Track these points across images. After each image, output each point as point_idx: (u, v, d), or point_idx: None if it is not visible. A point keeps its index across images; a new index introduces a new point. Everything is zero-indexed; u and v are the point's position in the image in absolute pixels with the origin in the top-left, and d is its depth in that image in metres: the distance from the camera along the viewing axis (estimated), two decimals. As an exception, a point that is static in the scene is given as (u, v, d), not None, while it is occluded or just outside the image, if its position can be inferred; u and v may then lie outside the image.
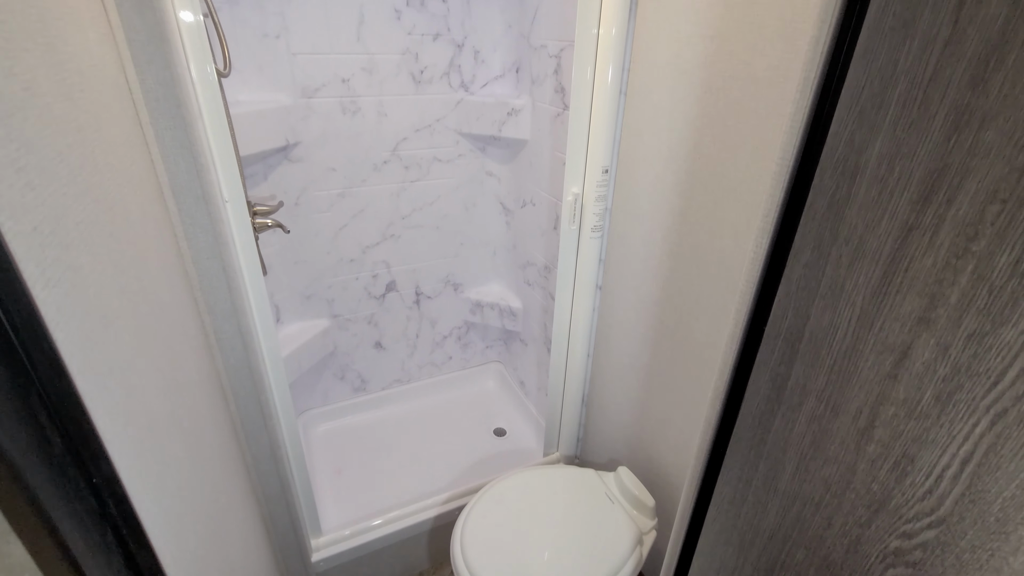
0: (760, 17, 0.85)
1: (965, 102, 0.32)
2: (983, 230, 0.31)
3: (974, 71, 0.31)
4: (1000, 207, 0.30)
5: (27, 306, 0.29)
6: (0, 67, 0.37)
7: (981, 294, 0.31)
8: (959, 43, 0.32)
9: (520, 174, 1.72)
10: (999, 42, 0.30)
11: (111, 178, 0.58)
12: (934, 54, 0.34)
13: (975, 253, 0.31)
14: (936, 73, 0.34)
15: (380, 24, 1.44)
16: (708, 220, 1.02)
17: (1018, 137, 0.29)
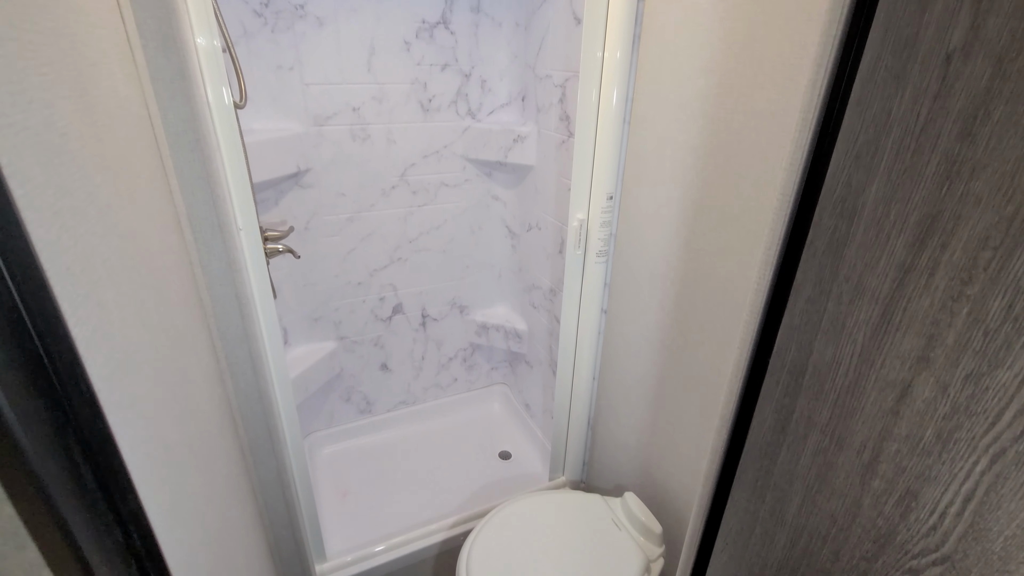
0: (759, 53, 0.87)
1: (955, 153, 0.33)
2: (976, 275, 0.32)
3: (963, 124, 0.33)
4: (991, 254, 0.31)
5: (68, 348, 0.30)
6: (41, 116, 0.40)
7: (977, 336, 0.32)
8: (948, 97, 0.34)
9: (526, 199, 1.75)
10: (985, 98, 0.31)
11: (133, 212, 0.60)
12: (925, 106, 0.35)
13: (970, 297, 0.32)
14: (927, 124, 0.35)
15: (390, 55, 1.49)
16: (712, 247, 1.03)
17: (1005, 188, 0.30)
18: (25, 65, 0.38)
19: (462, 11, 1.53)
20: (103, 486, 0.30)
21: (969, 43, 0.32)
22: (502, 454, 1.90)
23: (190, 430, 0.65)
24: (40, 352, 0.27)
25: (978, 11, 0.32)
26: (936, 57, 0.35)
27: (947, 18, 0.34)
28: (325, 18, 1.38)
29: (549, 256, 1.68)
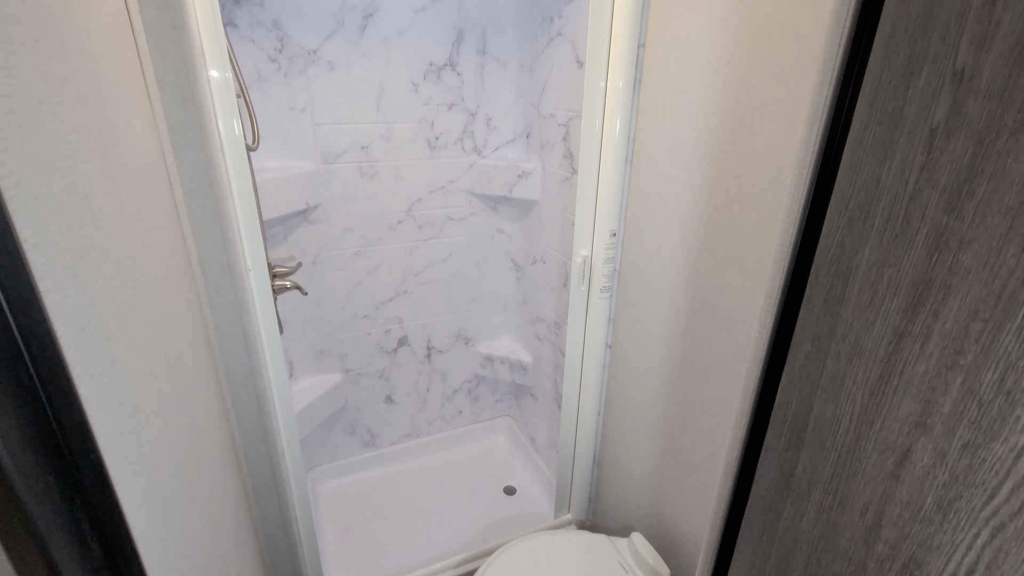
0: (756, 98, 0.90)
1: (943, 224, 0.34)
2: (968, 346, 0.32)
3: (949, 197, 0.34)
4: (982, 326, 0.32)
5: (79, 416, 0.31)
6: (65, 183, 0.41)
7: (971, 407, 0.32)
8: (934, 170, 0.35)
9: (530, 232, 1.77)
10: (969, 175, 0.32)
11: (148, 262, 0.62)
12: (912, 176, 0.37)
13: (963, 367, 0.33)
14: (915, 194, 0.36)
15: (398, 96, 1.54)
16: (714, 285, 1.04)
17: (992, 264, 0.31)
18: (52, 135, 0.41)
19: (468, 53, 1.58)
20: (109, 556, 0.31)
21: (951, 121, 0.34)
22: (507, 489, 1.87)
23: (194, 476, 0.66)
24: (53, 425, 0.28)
25: (958, 91, 0.33)
26: (921, 130, 0.36)
27: (930, 95, 0.35)
28: (336, 62, 1.43)
29: (554, 289, 1.69)
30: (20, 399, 0.26)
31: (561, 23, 1.41)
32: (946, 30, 0.34)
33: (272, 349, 0.99)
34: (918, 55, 0.36)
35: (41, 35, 0.41)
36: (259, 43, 1.34)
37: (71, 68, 0.47)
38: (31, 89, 0.38)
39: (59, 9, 0.46)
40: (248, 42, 1.32)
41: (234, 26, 1.30)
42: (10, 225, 0.26)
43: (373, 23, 1.44)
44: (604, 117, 1.20)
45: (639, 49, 1.13)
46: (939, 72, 0.34)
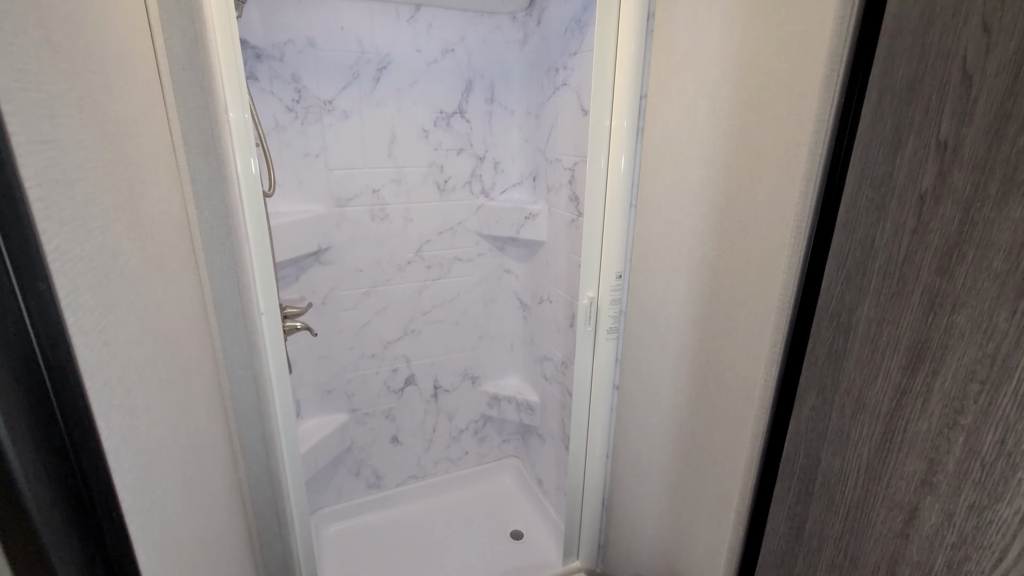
0: (756, 148, 0.92)
1: (936, 286, 0.35)
2: (968, 406, 0.33)
3: (940, 261, 0.35)
4: (979, 387, 0.32)
5: (105, 477, 0.32)
6: (96, 243, 0.44)
7: (975, 467, 0.33)
8: (924, 233, 0.37)
9: (537, 272, 1.79)
10: (958, 240, 0.34)
11: (167, 311, 0.64)
12: (904, 239, 0.38)
13: (964, 427, 0.33)
14: (908, 255, 0.38)
15: (410, 142, 1.59)
16: (720, 329, 1.05)
17: (985, 327, 0.32)
18: (88, 198, 0.43)
19: (477, 102, 1.65)
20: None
21: (938, 188, 0.35)
22: (514, 534, 1.82)
23: (202, 523, 0.66)
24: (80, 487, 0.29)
25: (943, 161, 0.35)
26: (910, 195, 0.38)
27: (917, 163, 0.37)
28: (351, 111, 1.50)
29: (560, 329, 1.70)
30: (53, 463, 0.27)
31: (566, 74, 1.47)
32: (928, 103, 0.36)
33: (281, 392, 1.00)
34: (904, 124, 0.38)
35: (84, 106, 0.45)
36: (278, 94, 1.40)
37: (108, 133, 0.50)
38: (72, 158, 0.41)
39: (101, 79, 0.50)
40: (268, 94, 1.39)
41: (255, 79, 1.36)
42: (55, 297, 0.28)
43: (386, 75, 1.51)
44: (608, 163, 1.24)
45: (641, 100, 1.18)
46: (924, 142, 0.36)
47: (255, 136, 0.99)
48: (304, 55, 1.40)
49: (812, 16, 0.79)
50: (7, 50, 0.33)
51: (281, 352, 1.02)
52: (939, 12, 0.35)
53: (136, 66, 0.64)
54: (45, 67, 0.38)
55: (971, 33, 0.33)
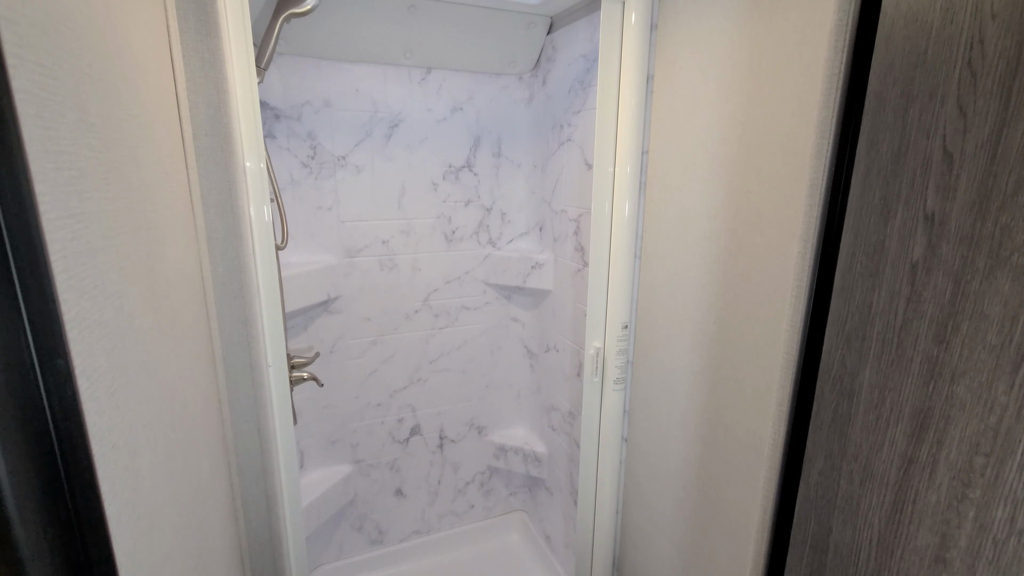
0: (755, 203, 0.95)
1: (935, 355, 0.36)
2: (975, 479, 0.33)
3: (937, 330, 0.36)
4: (985, 460, 0.32)
5: (104, 542, 0.32)
6: (113, 307, 0.46)
7: (987, 545, 0.32)
8: (919, 302, 0.37)
9: (544, 320, 1.79)
10: (952, 310, 0.34)
11: (176, 367, 0.65)
12: (900, 306, 0.39)
13: (973, 501, 0.33)
14: (905, 323, 0.38)
15: (419, 194, 1.64)
16: (727, 381, 1.03)
17: (985, 398, 0.32)
18: (109, 266, 0.45)
19: (485, 156, 1.70)
20: None
21: (929, 259, 0.36)
22: (521, 594, 1.75)
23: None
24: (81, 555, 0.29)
25: (931, 233, 0.36)
26: (903, 264, 0.38)
27: (906, 233, 0.38)
28: (363, 166, 1.56)
29: (567, 378, 1.68)
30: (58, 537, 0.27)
31: (570, 130, 1.53)
32: (913, 177, 0.38)
33: (286, 447, 1.00)
34: (892, 196, 0.39)
35: (111, 179, 0.47)
36: (294, 151, 1.46)
37: (132, 201, 0.53)
38: (97, 228, 0.43)
39: (128, 151, 0.53)
40: (284, 151, 1.45)
41: (273, 138, 1.43)
42: (71, 372, 0.29)
43: (398, 132, 1.57)
44: (612, 215, 1.27)
45: (643, 155, 1.22)
46: (912, 214, 0.38)
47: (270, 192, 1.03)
48: (320, 115, 1.47)
49: (803, 82, 0.83)
50: (45, 134, 0.36)
51: (287, 405, 1.02)
52: (916, 93, 0.37)
53: (161, 134, 0.68)
54: (78, 146, 0.41)
55: (948, 114, 0.35)
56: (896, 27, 0.39)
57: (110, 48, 0.50)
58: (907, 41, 0.38)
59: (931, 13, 0.36)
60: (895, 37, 0.39)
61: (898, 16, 0.39)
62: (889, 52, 0.39)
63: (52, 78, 0.37)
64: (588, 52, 1.40)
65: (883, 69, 0.40)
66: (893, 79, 0.39)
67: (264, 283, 0.94)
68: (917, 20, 0.37)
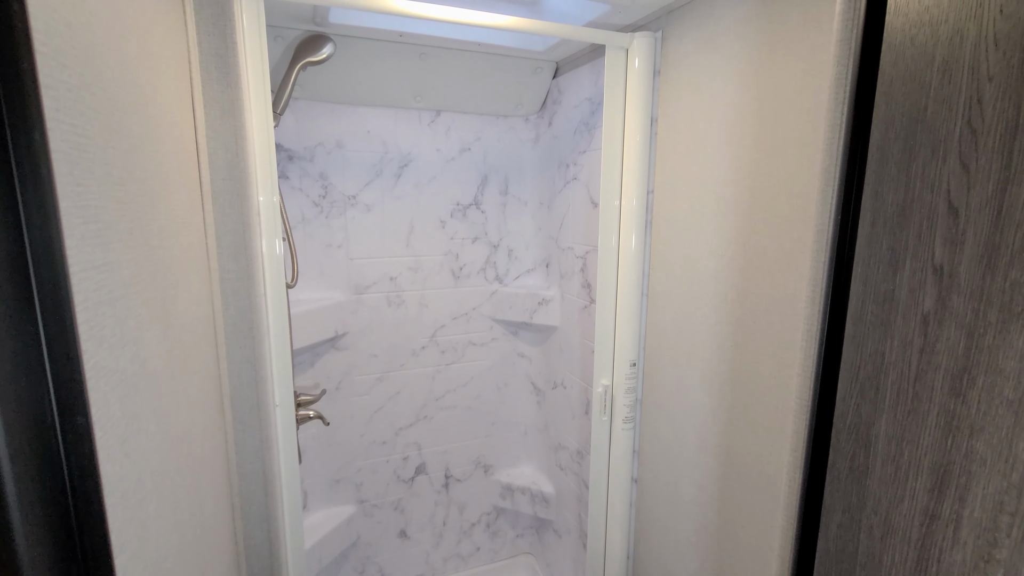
0: (761, 244, 0.95)
1: (951, 408, 0.35)
2: (1000, 539, 0.32)
3: (952, 383, 0.35)
4: (1010, 519, 0.31)
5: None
6: (129, 354, 0.46)
7: (1018, 610, 0.31)
8: (932, 354, 0.37)
9: (551, 356, 1.79)
10: (966, 364, 0.34)
11: (186, 411, 0.65)
12: (914, 357, 0.38)
13: (1000, 562, 0.32)
14: (920, 375, 0.38)
15: (427, 232, 1.67)
16: (739, 422, 1.02)
17: (1006, 455, 0.31)
18: (127, 313, 0.46)
19: (492, 194, 1.74)
20: None
21: (940, 311, 0.36)
22: (528, 644, 1.67)
23: (199, 641, 0.62)
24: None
25: (941, 285, 0.36)
26: (914, 315, 0.39)
27: (916, 285, 0.38)
28: (373, 204, 1.59)
29: (575, 416, 1.66)
30: None
31: (576, 169, 1.56)
32: (920, 229, 0.38)
33: (290, 490, 0.98)
34: (899, 247, 0.40)
35: (133, 228, 0.49)
36: (306, 191, 1.50)
37: (151, 247, 0.54)
38: (118, 277, 0.44)
39: (150, 200, 0.55)
40: (297, 191, 1.49)
41: (286, 178, 1.47)
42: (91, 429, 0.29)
43: (407, 171, 1.61)
44: (619, 253, 1.28)
45: (648, 195, 1.24)
46: (921, 265, 0.38)
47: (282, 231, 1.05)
48: (332, 156, 1.51)
49: (804, 127, 0.85)
50: (76, 190, 0.38)
51: (293, 446, 1.01)
52: (919, 148, 0.38)
53: (181, 180, 0.70)
54: (105, 199, 0.43)
55: (951, 170, 0.36)
56: (895, 85, 0.40)
57: (137, 103, 0.53)
58: (906, 99, 0.39)
59: (928, 73, 0.37)
60: (894, 95, 0.40)
61: (896, 75, 0.40)
62: (889, 109, 0.41)
63: (84, 137, 0.39)
64: (593, 95, 1.44)
65: (884, 124, 0.41)
66: (894, 134, 0.40)
67: (274, 322, 0.95)
68: (915, 79, 0.38)
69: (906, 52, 0.39)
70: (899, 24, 0.40)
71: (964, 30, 0.34)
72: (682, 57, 1.11)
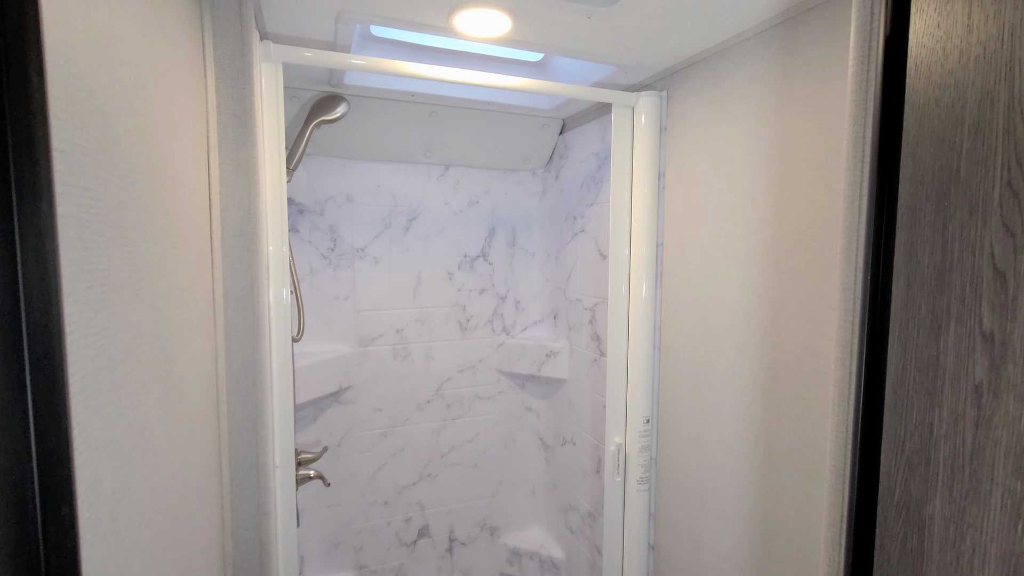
0: (777, 298, 0.93)
1: (1018, 491, 0.32)
2: (1096, 649, 0.28)
3: (1016, 462, 0.32)
4: (1105, 627, 0.27)
5: None
6: (125, 421, 0.44)
7: None
8: (989, 428, 0.34)
9: (560, 411, 1.73)
10: (1031, 441, 0.31)
11: (183, 477, 0.61)
12: (968, 431, 0.36)
13: (1098, 677, 0.28)
14: (976, 450, 0.35)
15: (434, 283, 1.66)
16: (763, 484, 0.96)
17: (1093, 550, 0.28)
18: (126, 380, 0.44)
19: (499, 246, 1.74)
20: None
21: (994, 382, 0.34)
22: None
23: None
24: None
25: (993, 353, 0.34)
26: (965, 384, 0.36)
27: (964, 351, 0.36)
28: (381, 256, 1.59)
29: (586, 475, 1.59)
30: None
31: (583, 222, 1.56)
32: (963, 294, 0.36)
33: (286, 559, 0.92)
34: (941, 311, 0.38)
35: (140, 290, 0.48)
36: (315, 244, 1.51)
37: (157, 308, 0.53)
38: (118, 342, 0.43)
39: (158, 260, 0.54)
40: (306, 243, 1.49)
41: (296, 231, 1.48)
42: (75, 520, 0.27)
43: (416, 224, 1.62)
44: (629, 306, 1.26)
45: (658, 247, 1.23)
46: (968, 331, 0.36)
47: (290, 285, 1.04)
48: (342, 209, 1.53)
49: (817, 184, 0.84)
50: (83, 254, 0.37)
51: (291, 511, 0.96)
52: (954, 209, 0.37)
53: (191, 237, 0.70)
54: (113, 261, 0.42)
55: (993, 233, 0.34)
56: (922, 146, 0.39)
57: (152, 163, 0.53)
58: (936, 159, 0.38)
59: (959, 135, 0.36)
60: (922, 155, 0.39)
61: (923, 136, 0.39)
62: (918, 169, 0.40)
63: (97, 200, 0.39)
64: (599, 151, 1.47)
65: (913, 185, 0.40)
66: (925, 195, 0.39)
67: (278, 378, 0.93)
68: (944, 140, 0.38)
69: (932, 113, 0.38)
70: (921, 86, 0.39)
71: (995, 93, 0.34)
72: (687, 115, 1.13)
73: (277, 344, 0.93)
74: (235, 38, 0.81)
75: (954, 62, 0.37)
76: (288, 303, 0.95)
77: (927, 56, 0.39)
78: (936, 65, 0.38)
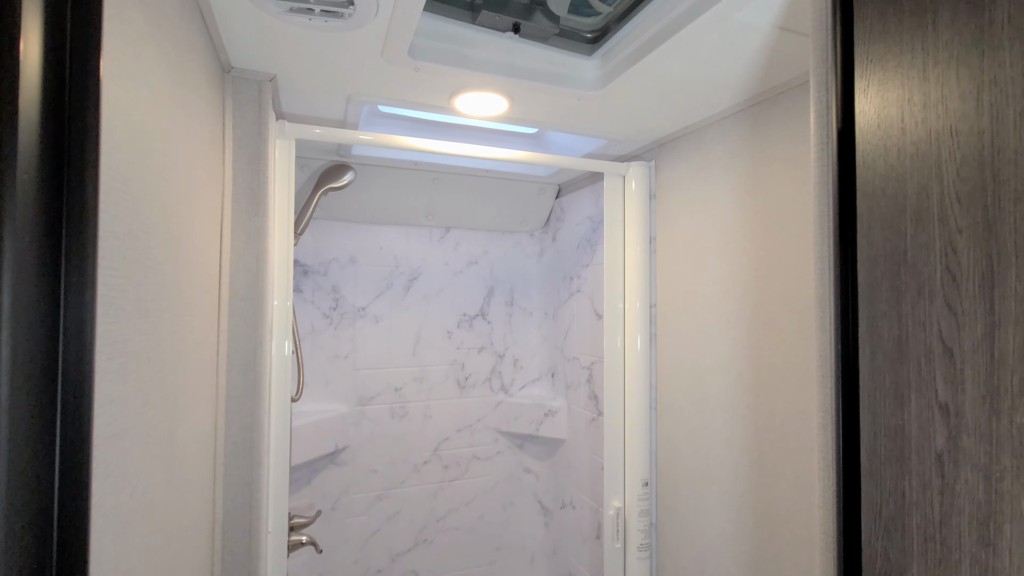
0: (767, 359, 0.95)
1: (984, 559, 0.34)
2: None
3: (979, 530, 0.34)
4: None
5: None
6: (130, 487, 0.45)
7: None
8: (953, 496, 0.36)
9: (558, 473, 1.70)
10: (990, 510, 0.33)
11: (179, 545, 0.62)
12: (935, 500, 0.37)
13: None
14: (944, 518, 0.37)
15: (434, 342, 1.68)
16: (764, 553, 0.95)
17: (1052, 619, 0.29)
18: (134, 447, 0.46)
19: (498, 305, 1.78)
20: None
21: (953, 452, 0.36)
22: None
23: None
24: None
25: (950, 424, 0.36)
26: (928, 453, 0.38)
27: (925, 421, 0.38)
28: (382, 315, 1.62)
29: (586, 540, 1.55)
30: None
31: (580, 282, 1.61)
32: (919, 366, 0.39)
33: (275, 630, 0.89)
34: (902, 382, 0.40)
35: (153, 357, 0.50)
36: (317, 303, 1.54)
37: (166, 374, 0.56)
38: (130, 409, 0.45)
39: (171, 327, 0.57)
40: (309, 303, 1.53)
41: (299, 291, 1.52)
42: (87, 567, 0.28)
43: (416, 284, 1.67)
44: (625, 358, 1.27)
45: (651, 308, 1.27)
46: (927, 402, 0.38)
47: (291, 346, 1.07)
48: (345, 270, 1.58)
49: (795, 249, 0.89)
50: (108, 329, 0.40)
51: None
52: (905, 288, 0.40)
53: (201, 303, 0.74)
54: (130, 332, 0.45)
55: (939, 311, 0.37)
56: (874, 229, 0.43)
57: (173, 236, 0.57)
58: (887, 242, 0.42)
59: (903, 222, 0.41)
60: (874, 238, 0.43)
61: (873, 221, 0.43)
62: (872, 249, 0.44)
63: (123, 278, 0.42)
64: (593, 214, 1.53)
65: (869, 263, 0.44)
66: (880, 273, 0.43)
67: (275, 440, 0.93)
68: (892, 225, 0.42)
69: (880, 201, 0.43)
70: (869, 176, 0.44)
71: (928, 187, 0.38)
72: (675, 183, 1.19)
73: (276, 405, 0.94)
74: (253, 119, 0.88)
75: (894, 158, 0.41)
76: (289, 358, 0.98)
77: (871, 151, 0.44)
78: (879, 160, 0.43)
